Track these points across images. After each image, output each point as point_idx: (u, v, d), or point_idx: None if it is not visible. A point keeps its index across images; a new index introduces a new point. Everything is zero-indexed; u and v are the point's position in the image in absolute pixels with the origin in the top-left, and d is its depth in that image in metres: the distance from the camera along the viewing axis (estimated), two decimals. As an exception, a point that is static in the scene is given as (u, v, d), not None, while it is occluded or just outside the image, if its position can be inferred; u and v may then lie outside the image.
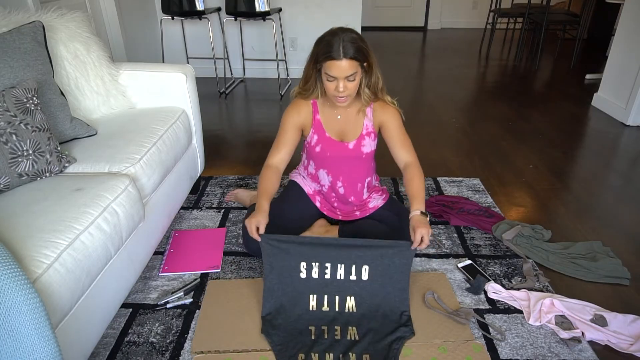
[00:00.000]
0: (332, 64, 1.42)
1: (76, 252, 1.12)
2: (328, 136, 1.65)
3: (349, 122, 1.64)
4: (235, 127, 3.21)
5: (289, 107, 1.65)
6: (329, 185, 1.76)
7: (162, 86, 1.94)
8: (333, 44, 1.41)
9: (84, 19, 1.86)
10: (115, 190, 1.34)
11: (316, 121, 1.64)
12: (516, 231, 1.84)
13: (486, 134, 2.96)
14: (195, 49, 4.12)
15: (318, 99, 1.63)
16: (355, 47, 1.41)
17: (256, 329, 1.43)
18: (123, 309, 1.51)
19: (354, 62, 1.42)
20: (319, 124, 1.65)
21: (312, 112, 1.64)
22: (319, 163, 1.73)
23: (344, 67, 1.41)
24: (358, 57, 1.43)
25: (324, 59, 1.43)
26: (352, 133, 1.65)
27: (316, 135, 1.66)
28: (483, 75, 4.48)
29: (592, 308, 1.49)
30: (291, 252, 1.46)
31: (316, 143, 1.67)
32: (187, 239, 1.86)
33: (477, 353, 1.34)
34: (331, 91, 1.49)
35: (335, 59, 1.40)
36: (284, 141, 1.63)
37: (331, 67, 1.42)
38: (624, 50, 3.13)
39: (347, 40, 1.41)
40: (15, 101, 1.33)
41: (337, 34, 1.43)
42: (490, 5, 5.24)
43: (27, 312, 0.90)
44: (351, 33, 1.44)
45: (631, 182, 2.38)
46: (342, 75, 1.43)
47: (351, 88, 1.48)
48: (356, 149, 1.66)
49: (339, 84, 1.45)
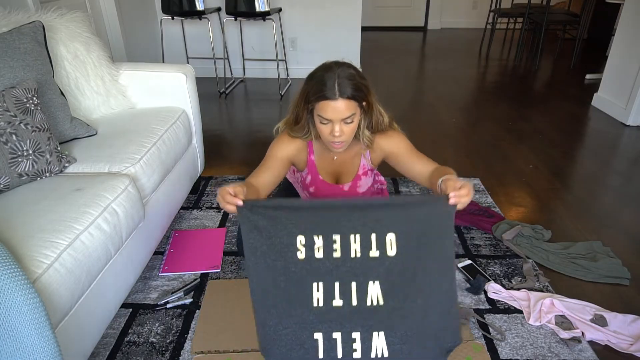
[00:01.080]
0: (326, 104, 1.22)
1: (76, 252, 1.12)
2: (322, 179, 1.51)
3: (345, 163, 1.51)
4: (235, 127, 3.21)
5: (281, 137, 1.43)
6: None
7: (162, 86, 1.94)
8: (326, 82, 1.21)
9: (84, 19, 1.86)
10: (115, 190, 1.34)
11: (310, 162, 1.48)
12: (516, 231, 1.84)
13: (486, 134, 2.96)
14: (195, 49, 4.12)
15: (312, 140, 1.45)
16: (353, 85, 1.22)
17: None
18: (123, 309, 1.51)
19: (351, 103, 1.24)
20: (312, 166, 1.49)
21: (307, 152, 1.47)
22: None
23: (339, 108, 1.22)
24: (356, 96, 1.24)
25: (316, 99, 1.24)
26: (348, 174, 1.53)
27: (310, 176, 1.51)
28: (483, 75, 4.48)
29: (592, 308, 1.49)
30: (283, 221, 1.03)
31: (310, 184, 1.54)
32: (187, 239, 1.86)
33: (477, 353, 1.34)
34: (325, 135, 1.30)
35: (330, 99, 1.21)
36: (270, 167, 1.37)
37: (325, 109, 1.23)
38: (624, 50, 3.13)
39: (344, 77, 1.22)
40: (15, 101, 1.33)
41: (331, 69, 1.24)
42: (490, 5, 5.24)
43: (27, 312, 0.90)
44: (348, 68, 1.25)
45: (631, 182, 2.38)
46: (337, 118, 1.24)
47: (348, 132, 1.28)
48: (352, 190, 1.55)
49: (335, 127, 1.25)
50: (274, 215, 1.04)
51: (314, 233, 1.04)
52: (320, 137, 1.35)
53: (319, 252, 1.04)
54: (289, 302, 1.05)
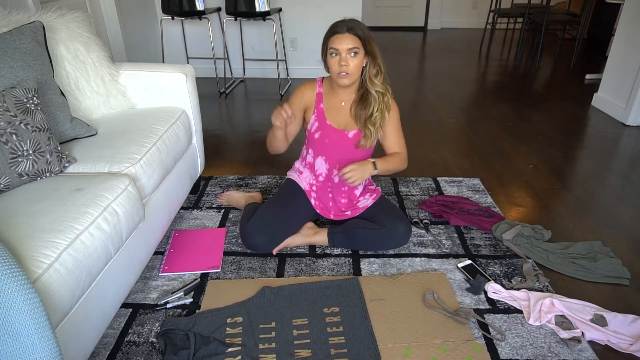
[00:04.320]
0: (336, 37, 1.53)
1: (76, 252, 1.12)
2: (329, 124, 1.70)
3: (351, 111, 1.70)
4: (235, 127, 3.21)
5: (300, 87, 1.74)
6: (325, 173, 1.78)
7: (162, 86, 1.94)
8: (338, 24, 1.54)
9: (84, 19, 1.86)
10: (115, 190, 1.34)
11: (319, 109, 1.71)
12: (516, 231, 1.84)
13: (486, 134, 2.96)
14: (195, 49, 4.12)
15: (323, 87, 1.71)
16: (360, 27, 1.53)
17: (256, 329, 1.43)
18: (123, 309, 1.51)
19: (356, 39, 1.52)
20: (321, 112, 1.71)
21: (316, 101, 1.71)
22: (317, 151, 1.77)
23: (346, 39, 1.51)
24: (361, 36, 1.53)
25: (329, 35, 1.55)
26: (353, 124, 1.70)
27: (317, 122, 1.72)
28: (483, 75, 4.48)
29: (592, 308, 1.49)
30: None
31: (316, 130, 1.72)
32: (187, 239, 1.87)
33: (477, 353, 1.34)
34: (334, 67, 1.55)
35: (339, 33, 1.52)
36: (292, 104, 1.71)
37: (334, 41, 1.53)
38: (624, 50, 3.13)
39: (353, 21, 1.54)
40: (15, 101, 1.33)
41: (344, 19, 1.55)
42: (490, 5, 5.24)
43: (27, 312, 0.90)
44: (358, 21, 1.56)
45: (631, 182, 2.38)
46: (344, 48, 1.51)
47: (353, 66, 1.54)
48: (355, 138, 1.70)
49: (341, 56, 1.52)
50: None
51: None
52: (330, 72, 1.61)
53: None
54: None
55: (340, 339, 1.37)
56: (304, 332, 1.40)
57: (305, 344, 1.36)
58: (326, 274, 1.67)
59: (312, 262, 1.73)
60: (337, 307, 1.49)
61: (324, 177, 1.80)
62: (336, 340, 1.37)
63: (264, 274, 1.67)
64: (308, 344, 1.36)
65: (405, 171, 1.87)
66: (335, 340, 1.37)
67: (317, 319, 1.45)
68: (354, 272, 1.68)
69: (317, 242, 1.79)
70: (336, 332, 1.40)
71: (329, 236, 1.78)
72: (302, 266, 1.71)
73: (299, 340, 1.37)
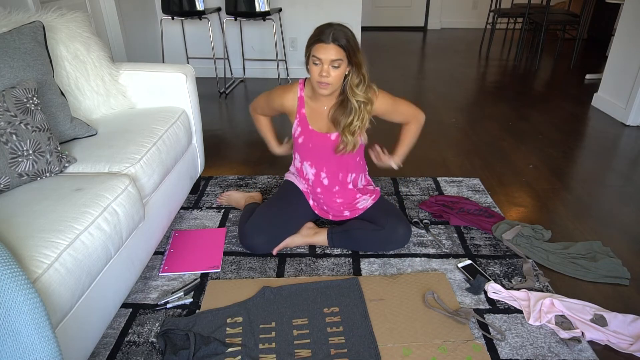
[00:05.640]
0: (320, 46, 1.47)
1: (76, 252, 1.12)
2: (311, 128, 1.69)
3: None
4: (235, 127, 3.21)
5: (279, 91, 1.73)
6: (313, 178, 1.79)
7: (162, 86, 1.94)
8: (324, 31, 1.47)
9: (84, 19, 1.86)
10: (115, 190, 1.34)
11: (301, 114, 1.69)
12: (516, 231, 1.84)
13: (486, 134, 2.96)
14: (195, 49, 4.12)
15: (305, 91, 1.68)
16: (346, 38, 1.47)
17: (256, 329, 1.43)
18: (123, 309, 1.51)
19: (341, 51, 1.47)
20: (303, 117, 1.69)
21: (298, 106, 1.69)
22: (302, 155, 1.78)
23: (330, 50, 1.46)
24: (346, 47, 1.47)
25: (313, 42, 1.49)
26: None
27: (300, 127, 1.71)
28: (483, 75, 4.48)
29: (592, 308, 1.49)
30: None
31: (299, 135, 1.72)
32: (187, 239, 1.87)
33: (477, 353, 1.34)
34: (315, 75, 1.51)
35: (324, 42, 1.46)
36: (265, 110, 1.84)
37: (318, 50, 1.47)
38: (624, 50, 3.13)
39: (339, 29, 1.47)
40: (15, 101, 1.34)
41: (331, 25, 1.49)
42: (490, 5, 5.24)
43: (27, 312, 0.90)
44: (345, 28, 1.49)
45: (631, 182, 2.38)
46: (327, 59, 1.46)
47: (334, 76, 1.50)
48: (338, 139, 1.68)
49: (323, 67, 1.48)
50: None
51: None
52: (310, 79, 1.57)
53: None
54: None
55: (340, 339, 1.38)
56: (304, 332, 1.40)
57: (305, 344, 1.36)
58: (326, 274, 1.67)
59: (312, 262, 1.73)
60: (337, 307, 1.49)
61: (312, 182, 1.80)
62: (336, 340, 1.37)
63: (264, 274, 1.67)
64: (308, 344, 1.36)
65: (405, 171, 1.87)
66: (335, 340, 1.37)
67: (317, 319, 1.45)
68: (354, 272, 1.68)
69: (316, 242, 1.79)
70: (336, 332, 1.40)
71: (329, 236, 1.78)
72: (302, 266, 1.71)
73: (299, 340, 1.37)
